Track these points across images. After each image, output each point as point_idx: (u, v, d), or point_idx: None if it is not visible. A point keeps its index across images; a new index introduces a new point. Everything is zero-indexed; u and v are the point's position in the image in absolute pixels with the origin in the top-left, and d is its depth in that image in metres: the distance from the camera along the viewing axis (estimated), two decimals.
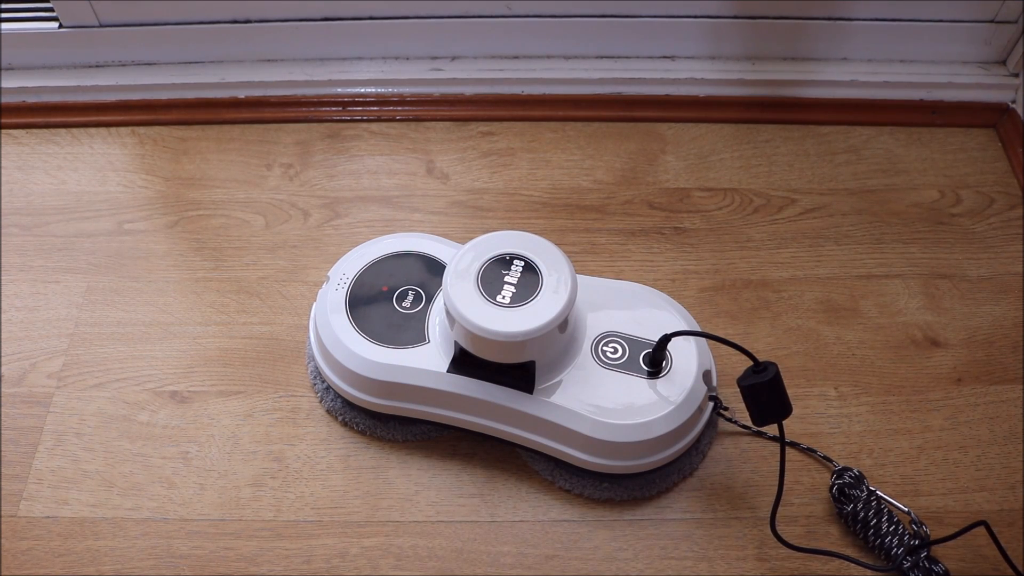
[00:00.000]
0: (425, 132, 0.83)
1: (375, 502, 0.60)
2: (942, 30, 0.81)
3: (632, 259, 0.73)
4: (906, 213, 0.76)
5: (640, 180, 0.79)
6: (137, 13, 0.81)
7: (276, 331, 0.68)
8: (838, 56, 0.84)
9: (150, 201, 0.77)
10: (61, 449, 0.62)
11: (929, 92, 0.83)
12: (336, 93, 0.84)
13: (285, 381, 0.66)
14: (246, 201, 0.77)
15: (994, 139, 0.82)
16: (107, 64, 0.84)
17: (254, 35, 0.82)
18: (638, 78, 0.83)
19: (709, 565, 0.57)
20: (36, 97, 0.83)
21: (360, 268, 0.63)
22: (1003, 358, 0.67)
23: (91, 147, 0.82)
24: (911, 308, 0.70)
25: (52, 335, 0.68)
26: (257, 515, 0.59)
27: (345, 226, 0.75)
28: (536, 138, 0.82)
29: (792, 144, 0.82)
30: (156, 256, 0.73)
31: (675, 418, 0.56)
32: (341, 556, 0.58)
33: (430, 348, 0.58)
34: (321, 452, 0.62)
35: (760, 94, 0.83)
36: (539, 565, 0.57)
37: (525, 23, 0.82)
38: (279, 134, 0.82)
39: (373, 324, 0.60)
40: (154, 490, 0.60)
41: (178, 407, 0.64)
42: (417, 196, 0.77)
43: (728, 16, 0.81)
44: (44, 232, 0.75)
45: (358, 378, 0.59)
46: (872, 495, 0.58)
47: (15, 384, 0.66)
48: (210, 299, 0.70)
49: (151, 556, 0.57)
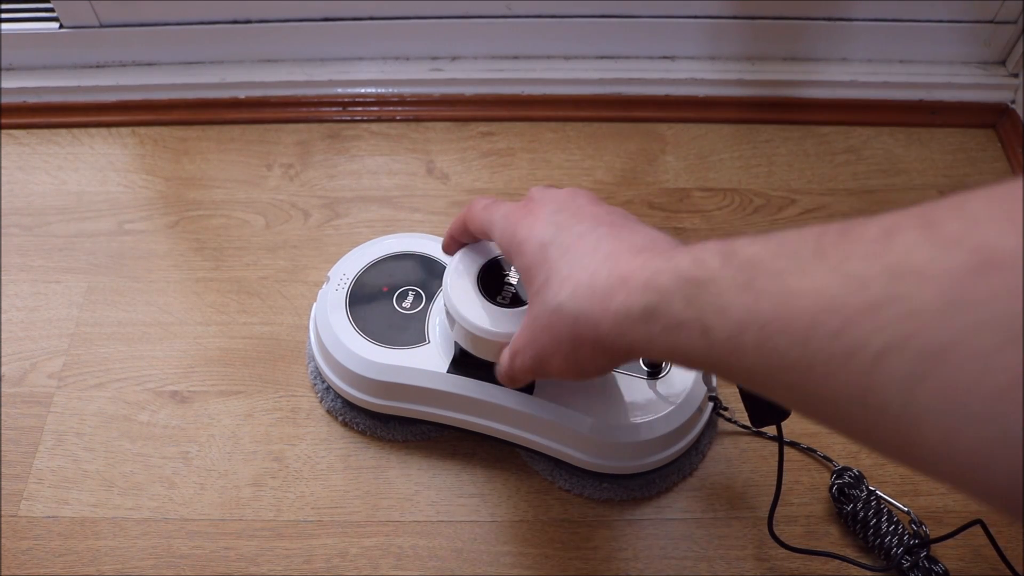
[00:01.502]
0: (425, 132, 0.83)
1: (375, 502, 0.60)
2: (941, 30, 0.81)
3: None
4: None
5: (640, 180, 0.79)
6: (138, 13, 0.81)
7: (276, 331, 0.69)
8: (838, 56, 0.84)
9: (150, 201, 0.77)
10: (61, 449, 0.62)
11: (928, 92, 0.83)
12: (336, 93, 0.84)
13: (285, 381, 0.66)
14: (246, 201, 0.77)
15: (993, 139, 0.82)
16: (108, 64, 0.85)
17: (254, 35, 0.82)
18: (638, 78, 0.83)
19: (709, 565, 0.57)
20: (36, 97, 0.83)
21: (360, 268, 0.63)
22: None
23: (92, 147, 0.82)
24: None
25: (52, 335, 0.69)
26: (257, 515, 0.59)
27: (345, 226, 0.75)
28: (536, 138, 0.82)
29: (792, 144, 0.82)
30: (157, 256, 0.73)
31: (675, 418, 0.56)
32: (341, 556, 0.58)
33: (430, 348, 0.59)
34: (321, 452, 0.62)
35: (760, 94, 0.83)
36: (539, 565, 0.57)
37: (525, 23, 0.82)
38: (279, 134, 0.83)
39: (373, 324, 0.60)
40: (154, 490, 0.60)
41: (178, 407, 0.64)
42: (417, 196, 0.78)
43: (728, 16, 0.81)
44: (45, 232, 0.75)
45: (358, 378, 0.59)
46: (872, 495, 0.58)
47: (15, 384, 0.66)
48: (210, 299, 0.71)
49: (151, 556, 0.58)
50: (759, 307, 0.28)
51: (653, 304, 0.34)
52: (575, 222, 0.42)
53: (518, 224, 0.44)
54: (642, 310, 0.34)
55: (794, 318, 0.27)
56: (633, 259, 0.37)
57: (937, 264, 0.23)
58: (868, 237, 0.26)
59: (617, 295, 0.36)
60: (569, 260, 0.40)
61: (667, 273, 0.34)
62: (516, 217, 0.45)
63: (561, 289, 0.40)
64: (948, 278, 0.23)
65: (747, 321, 0.29)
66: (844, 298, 0.25)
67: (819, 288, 0.26)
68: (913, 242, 0.24)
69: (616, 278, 0.37)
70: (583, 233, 0.41)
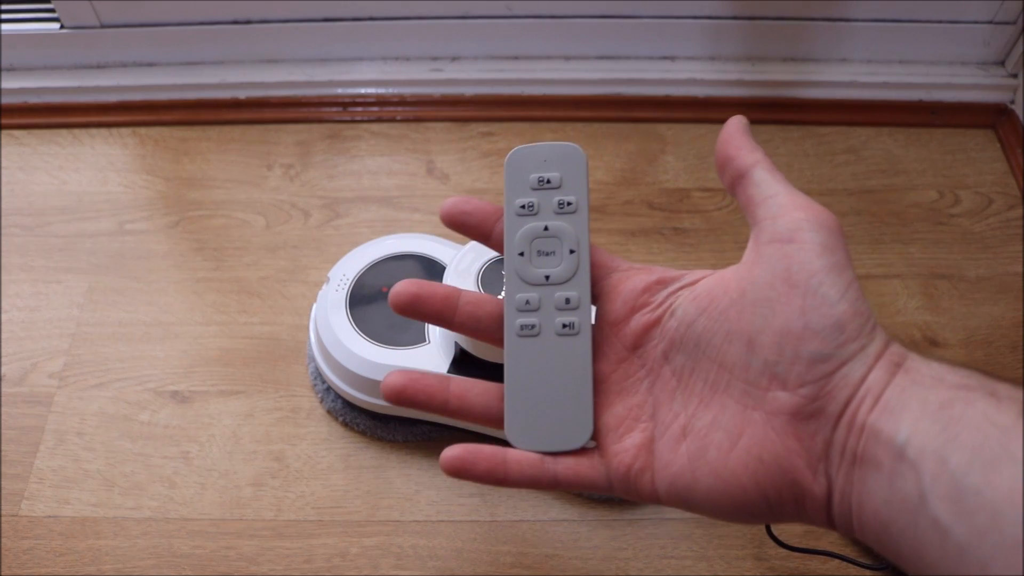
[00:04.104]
0: (425, 132, 0.83)
1: (375, 501, 0.60)
2: (941, 31, 0.81)
3: (632, 259, 0.73)
4: (905, 213, 0.77)
5: (640, 180, 0.79)
6: (138, 14, 0.81)
7: (277, 331, 0.69)
8: (837, 57, 0.84)
9: (151, 201, 0.78)
10: (62, 448, 0.63)
11: (928, 93, 0.83)
12: (336, 94, 0.84)
13: (286, 381, 0.66)
14: (247, 201, 0.77)
15: (993, 140, 0.82)
16: (108, 65, 0.85)
17: (255, 36, 0.82)
18: (638, 79, 0.83)
19: (708, 565, 0.57)
20: (37, 98, 0.84)
21: (360, 268, 0.63)
22: (1002, 358, 0.67)
23: (92, 147, 0.82)
24: (910, 308, 0.70)
25: (53, 335, 0.69)
26: (258, 515, 0.60)
27: (346, 226, 0.76)
28: (536, 139, 0.82)
29: (791, 144, 0.82)
30: (157, 256, 0.73)
31: None
32: (342, 555, 0.58)
33: (430, 349, 0.59)
34: (322, 452, 0.62)
35: (759, 95, 0.83)
36: (539, 565, 0.57)
37: (525, 24, 0.82)
38: (280, 134, 0.83)
39: (373, 324, 0.60)
40: (155, 489, 0.61)
41: (179, 407, 0.65)
42: (417, 196, 0.78)
43: (728, 16, 0.81)
44: (45, 232, 0.75)
45: (358, 378, 0.59)
46: None
47: (16, 384, 0.66)
48: (211, 299, 0.71)
49: (152, 555, 0.58)
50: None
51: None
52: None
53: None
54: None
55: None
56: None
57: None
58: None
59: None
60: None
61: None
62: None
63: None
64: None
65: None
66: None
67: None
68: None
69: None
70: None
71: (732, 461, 0.31)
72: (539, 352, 0.35)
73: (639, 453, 0.34)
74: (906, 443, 0.27)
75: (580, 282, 0.36)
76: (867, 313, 0.31)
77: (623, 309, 0.35)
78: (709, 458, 0.32)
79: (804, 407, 0.30)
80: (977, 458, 0.26)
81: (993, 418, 0.26)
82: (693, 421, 0.33)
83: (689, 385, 0.34)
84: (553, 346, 0.35)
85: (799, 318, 0.30)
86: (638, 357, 0.35)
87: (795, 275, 0.31)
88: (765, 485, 0.31)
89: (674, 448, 0.33)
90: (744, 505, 0.31)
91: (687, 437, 0.33)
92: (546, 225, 0.36)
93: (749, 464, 0.31)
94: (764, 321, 0.31)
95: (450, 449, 0.35)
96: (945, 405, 0.28)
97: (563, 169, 0.36)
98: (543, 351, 0.35)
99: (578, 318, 0.35)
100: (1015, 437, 0.26)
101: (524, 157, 0.37)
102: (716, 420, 0.32)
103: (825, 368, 0.30)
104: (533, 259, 0.36)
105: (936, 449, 0.27)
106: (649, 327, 0.35)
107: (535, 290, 0.35)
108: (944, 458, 0.26)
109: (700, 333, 0.33)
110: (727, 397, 0.32)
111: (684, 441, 0.33)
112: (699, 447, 0.32)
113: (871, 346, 0.30)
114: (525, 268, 0.35)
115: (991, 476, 0.25)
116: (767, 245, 0.32)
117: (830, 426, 0.30)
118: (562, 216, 0.36)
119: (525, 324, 0.35)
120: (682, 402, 0.34)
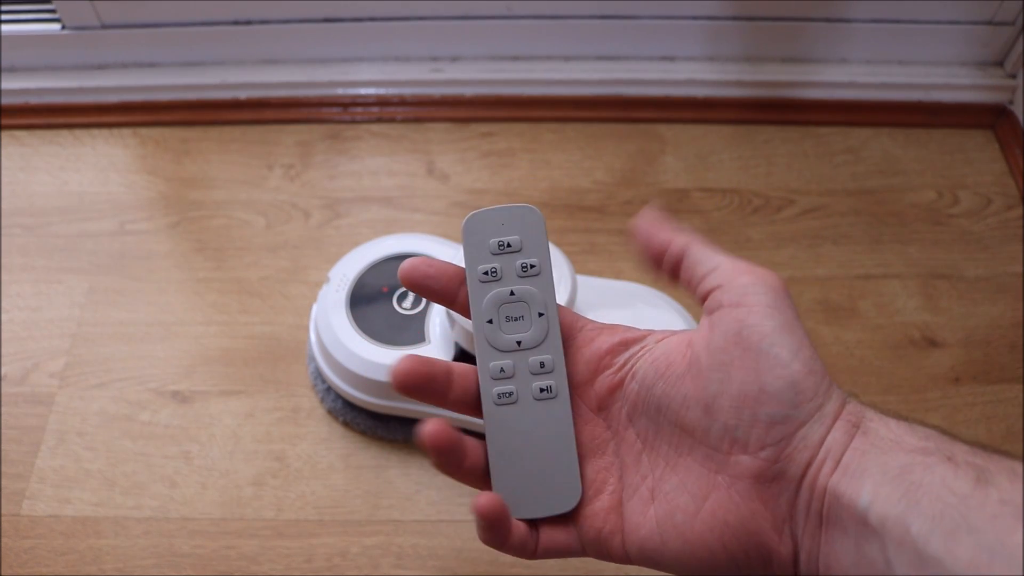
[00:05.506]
0: (425, 133, 0.83)
1: (376, 501, 0.60)
2: (940, 32, 0.81)
3: (632, 259, 0.73)
4: (904, 213, 0.77)
5: (639, 180, 0.79)
6: (139, 14, 0.81)
7: (277, 331, 0.69)
8: (837, 57, 0.84)
9: (152, 202, 0.78)
10: (63, 448, 0.63)
11: (927, 93, 0.83)
12: (337, 94, 0.84)
13: (286, 381, 0.66)
14: (247, 202, 0.77)
15: (991, 140, 0.82)
16: (109, 65, 0.85)
17: (255, 36, 0.83)
18: (637, 79, 0.83)
19: None
20: (38, 98, 0.84)
21: (360, 268, 0.63)
22: (1000, 358, 0.67)
23: (93, 148, 0.82)
24: (909, 308, 0.70)
25: (54, 335, 0.69)
26: (258, 514, 0.60)
27: (346, 226, 0.76)
28: (536, 139, 0.82)
29: (791, 145, 0.82)
30: (158, 256, 0.74)
31: None
32: (342, 555, 0.58)
33: (430, 348, 0.59)
34: (322, 451, 0.62)
35: (759, 95, 0.84)
36: (539, 565, 0.57)
37: (525, 24, 0.82)
38: (280, 135, 0.83)
39: (373, 324, 0.60)
40: (156, 489, 0.61)
41: (180, 407, 0.65)
42: (418, 196, 0.78)
43: (727, 17, 0.81)
44: (47, 232, 0.76)
45: (359, 378, 0.59)
46: None
47: (18, 383, 0.66)
48: (211, 299, 0.71)
49: (153, 555, 0.58)
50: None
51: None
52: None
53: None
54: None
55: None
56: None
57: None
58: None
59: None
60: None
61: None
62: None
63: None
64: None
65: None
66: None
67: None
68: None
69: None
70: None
71: (699, 525, 0.32)
72: (519, 418, 0.35)
73: (608, 516, 0.34)
74: (868, 508, 0.28)
75: (552, 345, 0.35)
76: (821, 371, 0.31)
77: (587, 371, 0.35)
78: (676, 521, 0.32)
79: (766, 470, 0.31)
80: (937, 527, 0.26)
81: (951, 485, 0.27)
82: (660, 484, 0.33)
83: (654, 448, 0.34)
84: (532, 411, 0.35)
85: (754, 380, 0.31)
86: (604, 419, 0.35)
87: (747, 338, 0.31)
88: (732, 547, 0.31)
89: (643, 511, 0.33)
90: (713, 567, 0.32)
91: (655, 500, 0.33)
92: (512, 290, 0.35)
93: (715, 527, 0.31)
94: (720, 386, 0.31)
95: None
96: (905, 470, 0.28)
97: (522, 232, 0.36)
98: (523, 417, 0.35)
99: (555, 381, 0.35)
100: (973, 507, 0.26)
101: (481, 221, 0.36)
102: (682, 483, 0.33)
103: (784, 429, 0.30)
104: (502, 325, 0.35)
105: (898, 515, 0.27)
106: (613, 389, 0.35)
107: (508, 356, 0.35)
108: (906, 526, 0.27)
109: (659, 397, 0.33)
110: (691, 460, 0.33)
111: (652, 504, 0.33)
112: (666, 511, 0.33)
113: (828, 405, 0.30)
114: (495, 335, 0.35)
115: (951, 546, 0.26)
116: (718, 312, 0.32)
117: (793, 488, 0.30)
118: (526, 279, 0.35)
119: (502, 392, 0.35)
120: (649, 465, 0.34)
